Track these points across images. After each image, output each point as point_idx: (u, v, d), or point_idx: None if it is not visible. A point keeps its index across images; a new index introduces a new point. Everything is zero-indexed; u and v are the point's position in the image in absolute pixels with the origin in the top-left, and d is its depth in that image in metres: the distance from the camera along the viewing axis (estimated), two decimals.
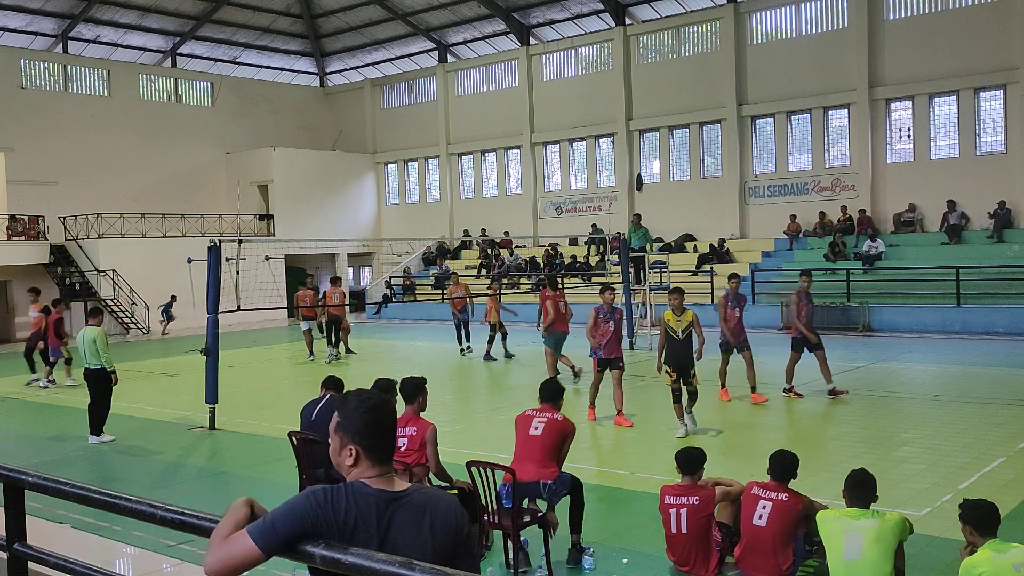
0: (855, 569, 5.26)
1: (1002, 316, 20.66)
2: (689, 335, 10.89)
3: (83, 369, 11.96)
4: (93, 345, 11.66)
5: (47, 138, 30.82)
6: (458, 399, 14.72)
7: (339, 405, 2.71)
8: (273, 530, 2.48)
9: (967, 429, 10.86)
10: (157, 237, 30.76)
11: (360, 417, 2.63)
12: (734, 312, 12.86)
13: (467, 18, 33.54)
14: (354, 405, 2.66)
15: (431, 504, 2.64)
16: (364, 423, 2.62)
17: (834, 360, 13.26)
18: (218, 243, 12.60)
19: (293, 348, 21.13)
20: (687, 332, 10.87)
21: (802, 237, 26.41)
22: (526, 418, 7.01)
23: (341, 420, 2.66)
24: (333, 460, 2.68)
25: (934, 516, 7.45)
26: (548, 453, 6.76)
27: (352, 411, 2.65)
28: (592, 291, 26.91)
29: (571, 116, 32.04)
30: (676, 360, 10.86)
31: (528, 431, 6.88)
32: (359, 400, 2.68)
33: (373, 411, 2.64)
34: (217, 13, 33.96)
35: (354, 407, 2.66)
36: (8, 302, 29.50)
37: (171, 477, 10.12)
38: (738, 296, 13.02)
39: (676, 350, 10.88)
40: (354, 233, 35.88)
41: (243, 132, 36.36)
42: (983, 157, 24.44)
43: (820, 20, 27.03)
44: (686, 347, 10.88)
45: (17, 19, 31.07)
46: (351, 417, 2.64)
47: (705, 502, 6.24)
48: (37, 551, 3.59)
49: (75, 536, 7.57)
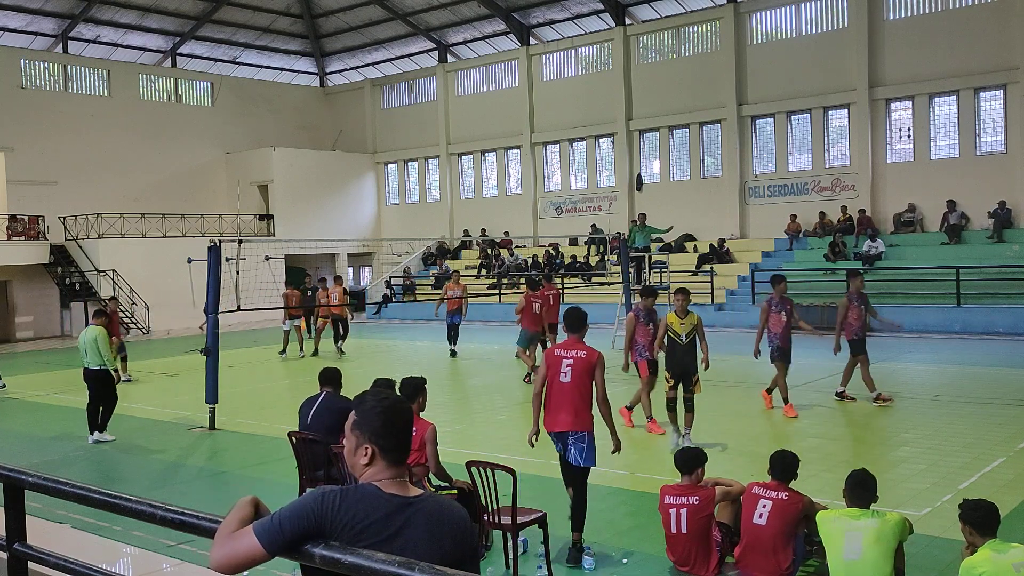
0: (855, 569, 5.27)
1: (1002, 316, 20.67)
2: (693, 340, 10.11)
3: (82, 369, 11.96)
4: (94, 344, 11.68)
5: (47, 138, 30.82)
6: (458, 399, 14.71)
7: (356, 404, 2.69)
8: (279, 529, 2.48)
9: (967, 429, 10.86)
10: (157, 237, 30.76)
11: (377, 417, 2.61)
12: (780, 317, 11.94)
13: (467, 18, 33.54)
14: (371, 404, 2.64)
15: (446, 514, 2.62)
16: (381, 423, 2.60)
17: (834, 360, 13.23)
18: (218, 243, 12.60)
19: (292, 348, 21.15)
20: (691, 336, 10.09)
21: (802, 237, 26.41)
22: (556, 360, 6.85)
23: (358, 419, 2.63)
24: (347, 460, 2.66)
25: (934, 516, 7.45)
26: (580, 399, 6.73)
27: (369, 410, 2.63)
28: (593, 291, 26.95)
29: (571, 116, 32.04)
30: (678, 366, 10.10)
31: (558, 378, 6.77)
32: (377, 399, 2.66)
33: (390, 411, 2.63)
34: (217, 13, 33.96)
35: (371, 406, 2.63)
36: (8, 302, 29.50)
37: (171, 477, 10.12)
38: (783, 299, 12.04)
39: (678, 355, 10.10)
40: (354, 233, 35.88)
41: (243, 132, 36.36)
42: (983, 157, 24.44)
43: (820, 20, 27.03)
44: (689, 352, 10.11)
45: (17, 19, 31.07)
46: (368, 416, 2.62)
47: (705, 502, 6.24)
48: (37, 551, 3.59)
49: (75, 536, 7.57)
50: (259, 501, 2.65)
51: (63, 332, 30.03)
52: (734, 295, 25.40)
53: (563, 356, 6.84)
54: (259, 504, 2.64)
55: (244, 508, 2.61)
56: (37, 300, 29.80)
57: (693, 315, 10.16)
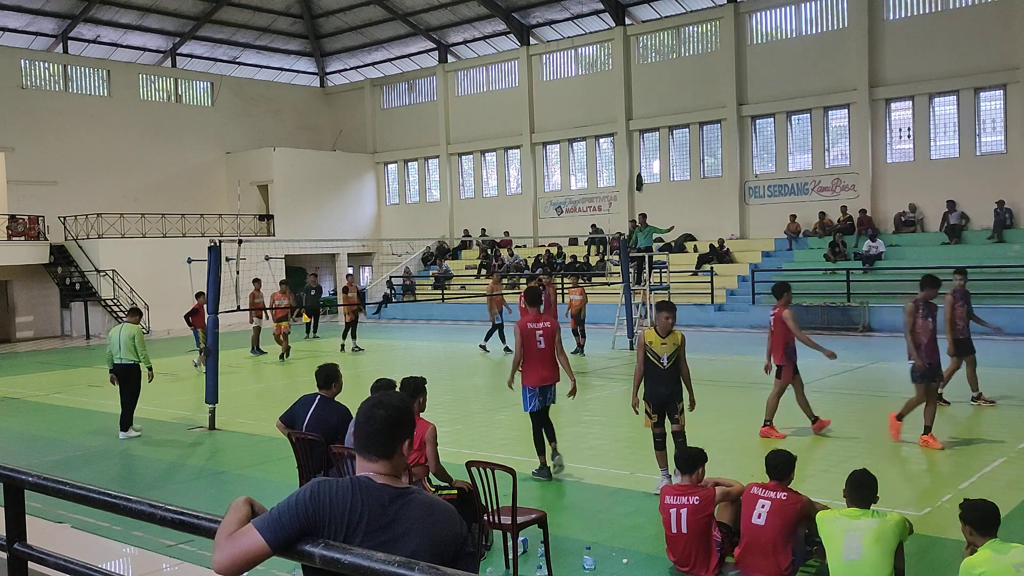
0: (855, 569, 5.27)
1: (1002, 316, 20.60)
2: (676, 363, 8.35)
3: (113, 364, 12.02)
4: (131, 342, 11.88)
5: (47, 138, 30.83)
6: (458, 399, 14.71)
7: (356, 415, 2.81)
8: (279, 522, 2.50)
9: (967, 429, 10.86)
10: (157, 237, 30.76)
11: (357, 415, 2.72)
12: (927, 323, 10.35)
13: (467, 18, 33.54)
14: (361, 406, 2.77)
15: (435, 503, 2.69)
16: (357, 421, 2.71)
17: (834, 360, 13.22)
18: (218, 243, 12.60)
19: (293, 348, 21.13)
20: (673, 358, 8.33)
21: (802, 237, 26.41)
22: (530, 332, 9.05)
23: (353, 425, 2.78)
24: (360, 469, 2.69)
25: (934, 516, 7.45)
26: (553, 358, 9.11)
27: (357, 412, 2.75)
28: (593, 291, 26.93)
29: (571, 116, 32.04)
30: (658, 395, 8.36)
31: (536, 345, 9.04)
32: (366, 401, 2.78)
33: (363, 411, 2.71)
34: (217, 13, 33.97)
35: (359, 408, 2.76)
36: (8, 302, 29.50)
37: (171, 477, 10.12)
38: (929, 305, 10.48)
39: (658, 382, 8.33)
40: (354, 233, 35.88)
41: (243, 132, 36.37)
42: (983, 157, 24.44)
43: (820, 20, 27.03)
44: (671, 378, 8.33)
45: (17, 19, 31.07)
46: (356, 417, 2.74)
47: (705, 502, 6.24)
48: (37, 551, 3.59)
49: (75, 536, 7.57)
50: (253, 501, 2.66)
51: (63, 332, 30.04)
52: (734, 295, 25.40)
53: (535, 328, 9.08)
54: (254, 503, 2.65)
55: (240, 508, 2.62)
56: (37, 300, 29.80)
57: (677, 334, 8.41)
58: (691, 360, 8.64)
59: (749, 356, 17.82)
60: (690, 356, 8.61)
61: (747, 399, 13.38)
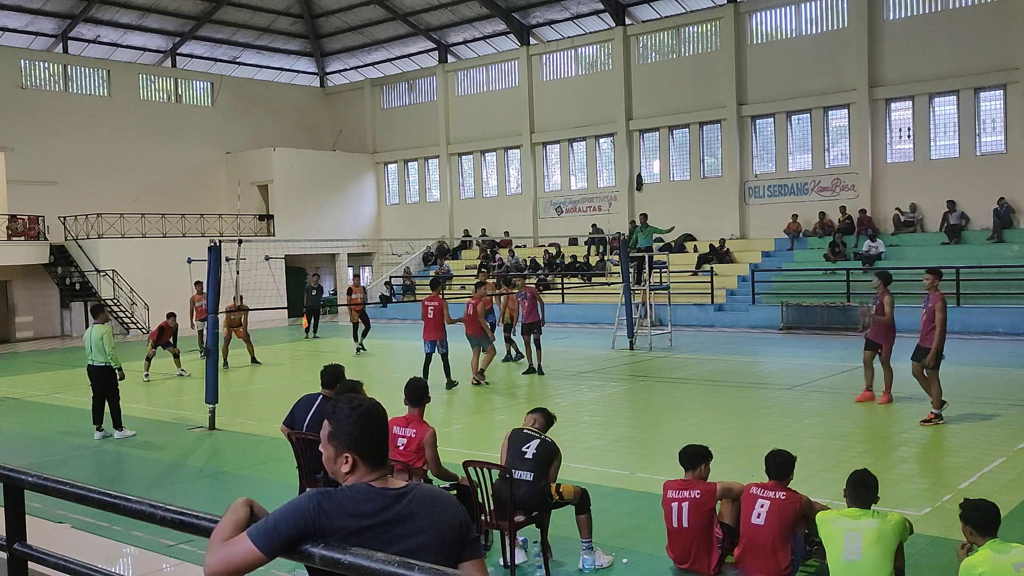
0: (855, 570, 5.26)
1: (1002, 316, 20.66)
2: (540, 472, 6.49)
3: (86, 366, 12.00)
4: (100, 342, 11.76)
5: (47, 138, 30.83)
6: (457, 399, 14.71)
7: (329, 414, 2.66)
8: (275, 532, 2.46)
9: (967, 429, 10.86)
10: (157, 237, 30.75)
11: (354, 426, 2.60)
12: None
13: (467, 18, 33.54)
14: (345, 414, 2.62)
15: (437, 495, 2.68)
16: (359, 431, 2.60)
17: (834, 360, 13.26)
18: (218, 243, 12.60)
19: (293, 348, 21.14)
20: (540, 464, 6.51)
21: (802, 237, 26.42)
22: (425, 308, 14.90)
23: (333, 429, 2.62)
24: (328, 468, 2.66)
25: (934, 516, 7.45)
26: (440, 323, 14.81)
27: (344, 419, 2.61)
28: (593, 291, 26.96)
29: (571, 116, 32.04)
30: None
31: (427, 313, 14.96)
32: (350, 407, 2.64)
33: (365, 418, 2.62)
34: (217, 13, 33.96)
35: (345, 415, 2.62)
36: (8, 302, 29.50)
37: (171, 477, 10.12)
38: None
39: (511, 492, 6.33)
40: (354, 233, 35.88)
41: (243, 132, 36.37)
42: (983, 157, 24.45)
43: (820, 20, 27.03)
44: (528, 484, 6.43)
45: (17, 19, 31.07)
46: (344, 426, 2.61)
47: (707, 496, 6.25)
48: (37, 551, 3.59)
49: (75, 536, 7.57)
50: (253, 502, 2.62)
51: (63, 332, 30.03)
52: (734, 295, 25.40)
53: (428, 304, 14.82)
54: (254, 505, 2.61)
55: (239, 511, 2.58)
56: (37, 300, 29.80)
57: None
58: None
59: (749, 356, 17.88)
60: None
61: (747, 399, 13.37)
